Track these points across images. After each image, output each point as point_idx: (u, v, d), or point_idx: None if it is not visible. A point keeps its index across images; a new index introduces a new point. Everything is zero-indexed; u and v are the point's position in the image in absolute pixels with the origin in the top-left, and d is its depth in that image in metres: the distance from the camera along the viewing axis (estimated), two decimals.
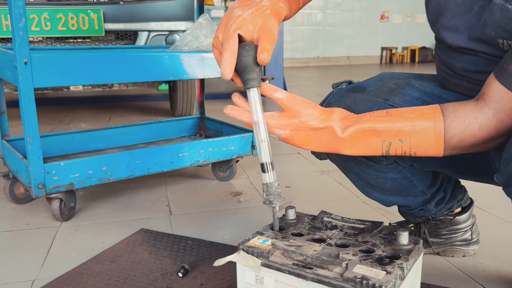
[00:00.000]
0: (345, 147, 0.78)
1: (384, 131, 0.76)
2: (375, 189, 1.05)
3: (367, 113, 0.79)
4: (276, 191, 0.77)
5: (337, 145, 0.78)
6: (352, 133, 0.76)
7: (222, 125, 1.91)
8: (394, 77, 1.01)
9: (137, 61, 1.38)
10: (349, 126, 0.77)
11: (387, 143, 0.77)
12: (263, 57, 0.71)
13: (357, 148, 0.78)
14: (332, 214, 0.83)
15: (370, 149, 0.78)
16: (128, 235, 1.31)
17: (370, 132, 0.76)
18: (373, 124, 0.76)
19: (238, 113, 0.77)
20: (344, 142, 0.77)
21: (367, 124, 0.76)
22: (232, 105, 0.78)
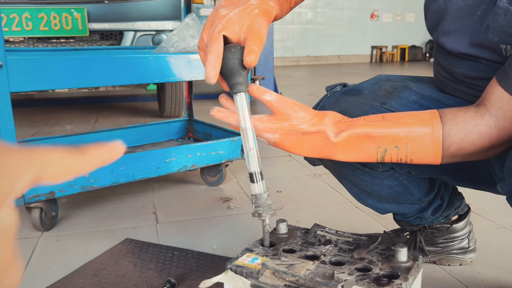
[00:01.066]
0: (338, 153, 0.73)
1: (379, 137, 0.71)
2: (370, 197, 1.01)
3: (362, 117, 0.74)
4: (265, 203, 0.72)
5: (330, 150, 0.73)
6: (345, 138, 0.72)
7: (211, 128, 1.85)
8: (390, 80, 0.96)
9: (122, 63, 1.32)
10: (342, 130, 0.72)
11: (382, 150, 0.72)
12: (249, 59, 0.66)
13: (351, 154, 0.73)
14: (326, 228, 0.79)
15: (364, 155, 0.73)
16: (112, 245, 1.25)
17: (365, 137, 0.72)
18: (367, 129, 0.72)
19: (225, 115, 0.72)
20: (337, 148, 0.73)
21: (361, 129, 0.72)
22: (220, 106, 0.73)
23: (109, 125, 3.03)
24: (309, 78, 6.59)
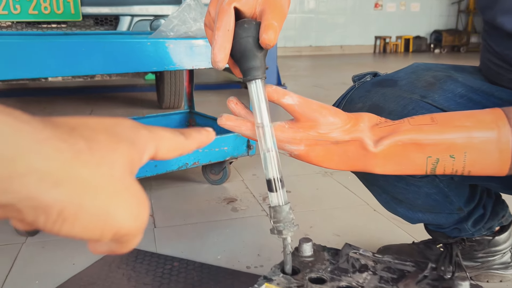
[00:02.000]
0: (378, 165, 0.59)
1: (431, 145, 0.57)
2: (402, 205, 0.87)
3: (406, 120, 0.60)
4: (287, 217, 0.58)
5: (367, 163, 0.59)
6: (387, 147, 0.58)
7: (213, 122, 1.70)
8: (430, 69, 0.82)
9: (114, 49, 1.17)
10: (383, 137, 0.58)
11: (433, 160, 0.58)
12: (267, 37, 0.51)
13: (393, 166, 0.59)
14: (360, 249, 0.64)
15: (410, 167, 0.59)
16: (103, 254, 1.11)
17: (412, 146, 0.58)
18: (415, 135, 0.57)
19: (236, 124, 0.58)
20: (377, 159, 0.58)
21: (407, 136, 0.57)
22: (228, 113, 0.59)
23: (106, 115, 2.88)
24: (311, 68, 6.43)
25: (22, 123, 0.22)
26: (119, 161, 0.26)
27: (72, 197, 0.23)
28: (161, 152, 0.31)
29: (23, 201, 0.22)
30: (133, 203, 0.27)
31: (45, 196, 0.22)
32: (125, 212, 0.26)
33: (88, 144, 0.25)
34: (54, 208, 0.23)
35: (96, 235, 0.25)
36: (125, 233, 0.26)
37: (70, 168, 0.23)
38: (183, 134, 0.33)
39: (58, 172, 0.23)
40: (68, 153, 0.23)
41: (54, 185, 0.23)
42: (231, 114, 0.59)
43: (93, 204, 0.24)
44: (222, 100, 3.45)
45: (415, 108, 0.74)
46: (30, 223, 0.23)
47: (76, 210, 0.23)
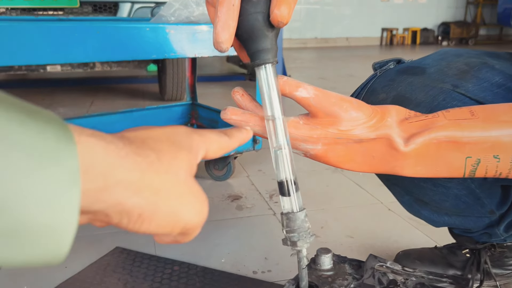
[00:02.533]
0: (407, 167, 0.51)
1: (471, 143, 0.49)
2: (427, 207, 0.78)
3: (441, 113, 0.51)
4: (302, 226, 0.50)
5: (395, 164, 0.51)
6: (420, 146, 0.49)
7: (217, 114, 1.61)
8: (461, 55, 0.72)
9: (110, 34, 1.08)
10: (414, 134, 0.49)
11: (473, 161, 0.50)
12: (279, 13, 0.42)
13: (425, 167, 0.51)
14: (387, 262, 0.56)
15: (446, 169, 0.51)
16: (99, 255, 1.03)
17: (449, 144, 0.49)
18: (453, 131, 0.49)
19: (242, 118, 0.49)
20: (407, 159, 0.50)
21: (443, 132, 0.49)
22: (233, 106, 0.51)
23: (106, 108, 2.79)
24: (317, 60, 6.31)
25: (109, 143, 0.27)
26: (182, 167, 0.31)
27: (149, 201, 0.28)
28: (210, 153, 0.36)
29: (111, 207, 0.26)
30: (196, 202, 0.32)
31: (128, 202, 0.27)
32: (190, 210, 0.31)
33: (157, 155, 0.30)
34: (135, 211, 0.27)
35: (167, 231, 0.30)
36: (190, 227, 0.32)
37: (146, 177, 0.28)
38: (226, 135, 0.39)
39: (138, 182, 0.27)
40: (144, 164, 0.28)
41: (135, 193, 0.27)
42: (236, 107, 0.50)
43: (165, 206, 0.29)
44: (226, 92, 3.36)
45: (446, 99, 0.65)
46: (115, 224, 0.28)
47: (152, 212, 0.28)
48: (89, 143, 0.25)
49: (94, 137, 0.26)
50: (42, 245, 0.22)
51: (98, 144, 0.26)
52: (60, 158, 0.22)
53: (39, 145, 0.22)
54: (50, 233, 0.22)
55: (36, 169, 0.21)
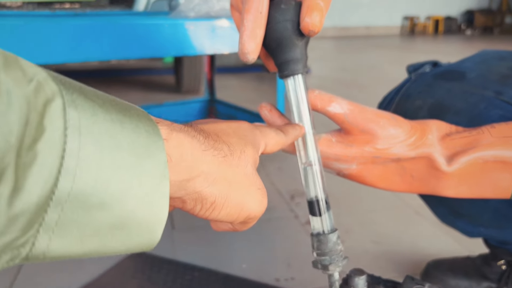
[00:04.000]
0: (450, 187, 0.47)
1: None
2: (463, 219, 0.73)
3: (485, 129, 0.47)
4: (334, 249, 0.46)
5: (437, 184, 0.47)
6: (465, 165, 0.45)
7: (236, 110, 1.58)
8: (504, 58, 0.67)
9: (127, 32, 1.04)
10: (458, 153, 0.45)
11: None
12: (311, 21, 0.38)
13: (469, 188, 0.47)
14: (425, 284, 0.51)
15: (491, 190, 0.47)
16: (116, 260, 1.01)
17: (496, 164, 0.45)
18: (501, 151, 0.45)
19: None
20: (450, 179, 0.46)
21: (490, 151, 0.45)
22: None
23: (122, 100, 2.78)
24: (336, 50, 6.20)
25: (193, 138, 0.29)
26: (249, 161, 0.34)
27: (222, 191, 0.31)
28: (268, 148, 0.39)
29: (189, 195, 0.29)
30: (259, 193, 0.35)
31: (205, 191, 0.30)
32: (255, 201, 0.34)
33: (229, 149, 0.32)
34: (209, 199, 0.30)
35: (233, 219, 0.33)
36: (252, 217, 0.35)
37: (221, 170, 0.31)
38: (282, 131, 0.41)
39: (215, 173, 0.30)
40: (219, 158, 0.31)
41: (212, 183, 0.30)
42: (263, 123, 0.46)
43: (235, 197, 0.32)
44: (243, 85, 3.31)
45: (487, 108, 0.60)
46: (187, 210, 0.31)
47: (224, 201, 0.31)
48: (179, 139, 0.27)
49: (183, 133, 0.28)
50: (142, 235, 0.24)
51: (186, 139, 0.28)
52: (152, 153, 0.24)
53: (135, 143, 0.23)
54: (149, 225, 0.24)
55: (135, 166, 0.23)
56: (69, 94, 0.21)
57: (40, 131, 0.19)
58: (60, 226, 0.21)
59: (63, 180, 0.20)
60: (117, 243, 0.23)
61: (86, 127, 0.21)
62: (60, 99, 0.20)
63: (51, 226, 0.20)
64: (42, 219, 0.20)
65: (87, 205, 0.21)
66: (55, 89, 0.21)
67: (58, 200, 0.20)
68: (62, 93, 0.21)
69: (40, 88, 0.20)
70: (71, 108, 0.21)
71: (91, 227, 0.22)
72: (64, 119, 0.20)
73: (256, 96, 2.89)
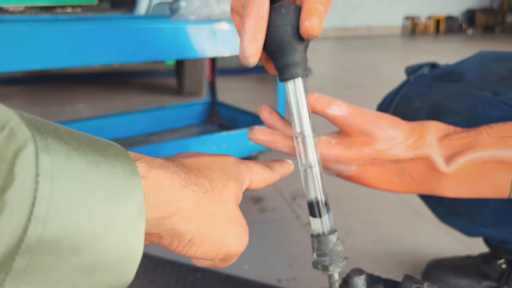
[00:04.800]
0: (449, 187, 0.47)
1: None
2: (462, 219, 0.74)
3: (483, 130, 0.48)
4: (334, 250, 0.47)
5: (436, 185, 0.48)
6: (463, 166, 0.46)
7: (237, 112, 1.59)
8: (502, 59, 0.67)
9: (129, 36, 1.06)
10: (457, 153, 0.46)
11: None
12: (310, 25, 0.39)
13: (468, 188, 0.48)
14: (424, 283, 0.52)
15: (490, 189, 0.47)
16: None
17: (494, 164, 0.46)
18: (499, 151, 0.45)
19: (271, 139, 0.47)
20: (449, 180, 0.47)
21: (488, 152, 0.45)
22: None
23: (124, 103, 2.80)
24: (337, 51, 6.21)
25: (173, 174, 0.29)
26: (231, 197, 0.33)
27: (200, 228, 0.30)
28: (253, 184, 0.39)
29: (167, 231, 0.29)
30: (240, 231, 0.34)
31: (182, 228, 0.29)
32: (235, 239, 0.33)
33: (210, 184, 0.32)
34: (187, 236, 0.30)
35: (212, 256, 0.32)
36: (232, 254, 0.34)
37: (201, 206, 0.30)
38: (269, 168, 0.41)
39: (194, 210, 0.30)
40: (200, 194, 0.31)
41: (190, 220, 0.30)
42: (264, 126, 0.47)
43: (214, 234, 0.31)
44: (245, 87, 3.32)
45: (486, 108, 0.61)
46: (164, 246, 0.30)
47: (202, 238, 0.31)
48: (158, 176, 0.27)
49: (162, 169, 0.28)
50: (115, 277, 0.24)
51: (165, 176, 0.28)
52: (128, 193, 0.24)
53: (112, 183, 0.23)
54: (122, 266, 0.24)
55: (110, 208, 0.23)
56: (43, 139, 0.21)
57: (10, 180, 0.19)
58: (28, 272, 0.20)
59: (33, 227, 0.20)
60: (88, 286, 0.23)
61: (59, 172, 0.21)
62: (32, 145, 0.20)
63: (19, 273, 0.20)
64: (9, 267, 0.19)
65: (58, 250, 0.21)
66: (28, 135, 0.20)
67: (27, 247, 0.20)
68: (35, 138, 0.20)
69: (12, 136, 0.19)
70: (44, 153, 0.20)
71: (62, 271, 0.21)
72: (36, 166, 0.20)
73: (258, 97, 2.90)
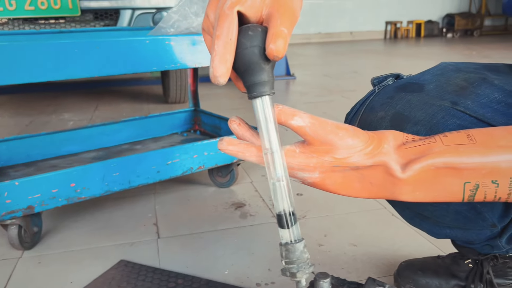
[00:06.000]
0: (405, 192, 0.51)
1: (469, 169, 0.49)
2: (428, 221, 0.78)
3: (438, 138, 0.51)
4: (301, 257, 0.50)
5: (394, 190, 0.51)
6: (418, 172, 0.49)
7: (220, 120, 1.62)
8: (461, 70, 0.72)
9: (110, 49, 1.08)
10: (412, 160, 0.49)
11: (471, 186, 0.50)
12: (275, 48, 0.42)
13: (424, 192, 0.51)
14: (386, 285, 0.56)
15: (444, 194, 0.51)
16: (104, 268, 1.04)
17: (447, 170, 0.49)
18: (451, 158, 0.49)
19: (239, 149, 0.50)
20: (405, 185, 0.50)
21: (441, 159, 0.49)
22: (230, 135, 0.51)
23: (110, 112, 2.81)
24: (321, 56, 6.28)
25: None
26: None
27: None
28: None
29: None
30: None
31: None
32: None
33: None
34: None
35: None
36: None
37: None
38: None
39: None
40: None
41: None
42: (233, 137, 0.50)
43: None
44: (230, 94, 3.35)
45: (445, 117, 0.65)
46: None
47: None
48: None
49: None
50: None
51: None
52: None
53: None
54: None
55: None
56: None
57: None
58: None
59: None
60: None
61: None
62: None
63: None
64: None
65: None
66: None
67: None
68: None
69: None
70: None
71: None
72: None
73: (241, 104, 2.93)
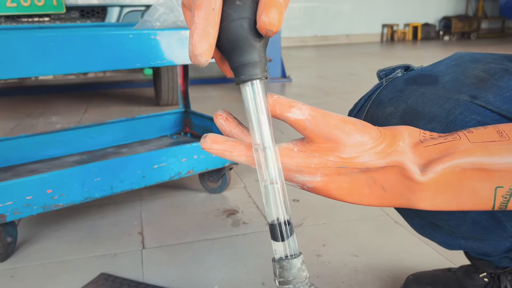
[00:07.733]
0: (425, 198, 0.42)
1: (502, 171, 0.40)
2: (441, 231, 0.70)
3: (462, 134, 0.43)
4: (299, 276, 0.41)
5: (410, 196, 0.42)
6: (441, 174, 0.41)
7: (211, 122, 1.53)
8: (479, 60, 0.63)
9: (89, 43, 0.99)
10: (433, 161, 0.41)
11: (504, 191, 0.41)
12: (268, 19, 0.33)
13: (447, 200, 0.43)
14: None
15: (471, 200, 0.42)
16: (83, 283, 0.95)
17: (475, 172, 0.41)
18: (480, 157, 0.41)
19: (225, 147, 0.41)
20: (425, 191, 0.42)
21: (468, 158, 0.40)
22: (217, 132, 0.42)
23: (100, 115, 2.72)
24: (317, 59, 6.22)
25: None
26: None
27: None
28: None
29: None
30: None
31: None
32: None
33: None
34: None
35: None
36: None
37: None
38: None
39: None
40: None
41: None
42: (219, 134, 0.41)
43: None
44: (223, 95, 3.27)
45: (463, 113, 0.56)
46: None
47: None
48: None
49: None
50: None
51: None
52: None
53: None
54: None
55: None
56: None
57: None
58: None
59: None
60: None
61: None
62: None
63: None
64: None
65: None
66: None
67: None
68: None
69: None
70: None
71: None
72: None
73: (235, 106, 2.85)
